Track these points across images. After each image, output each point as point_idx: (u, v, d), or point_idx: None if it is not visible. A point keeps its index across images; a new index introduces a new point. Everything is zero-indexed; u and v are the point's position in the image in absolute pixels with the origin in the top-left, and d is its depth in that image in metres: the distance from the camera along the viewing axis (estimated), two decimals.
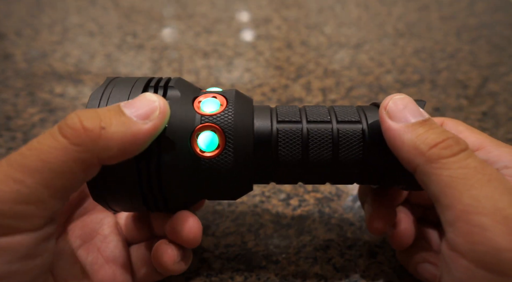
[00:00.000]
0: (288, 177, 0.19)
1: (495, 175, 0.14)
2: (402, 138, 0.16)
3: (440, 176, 0.14)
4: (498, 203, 0.13)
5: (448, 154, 0.14)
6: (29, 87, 0.38)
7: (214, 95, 0.19)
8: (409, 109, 0.16)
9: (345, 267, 0.23)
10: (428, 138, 0.15)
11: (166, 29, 0.49)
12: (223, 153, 0.17)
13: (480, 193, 0.13)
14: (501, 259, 0.13)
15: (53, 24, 0.49)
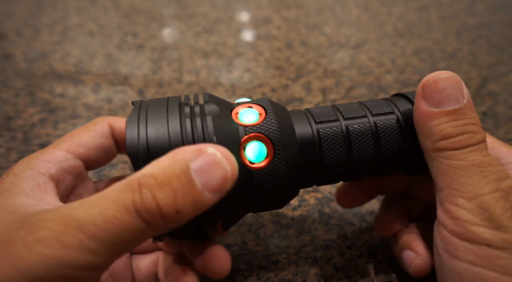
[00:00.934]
0: (331, 177, 0.19)
1: (491, 169, 0.16)
2: (425, 122, 0.17)
3: (440, 163, 0.16)
4: (479, 190, 0.15)
5: (452, 147, 0.16)
6: (29, 87, 0.38)
7: (249, 105, 0.18)
8: (447, 92, 0.16)
9: (345, 267, 0.23)
10: (445, 130, 0.16)
11: (166, 29, 0.49)
12: (273, 162, 0.17)
13: (467, 181, 0.16)
14: (470, 231, 0.15)
15: (53, 24, 0.49)
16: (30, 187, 0.16)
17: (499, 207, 0.15)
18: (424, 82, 0.17)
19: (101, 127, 0.19)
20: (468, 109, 0.16)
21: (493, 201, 0.15)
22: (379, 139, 0.18)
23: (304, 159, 0.18)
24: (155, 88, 0.39)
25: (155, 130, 0.16)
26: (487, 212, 0.15)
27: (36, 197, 0.15)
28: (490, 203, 0.15)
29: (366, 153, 0.18)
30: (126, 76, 0.40)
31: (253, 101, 0.19)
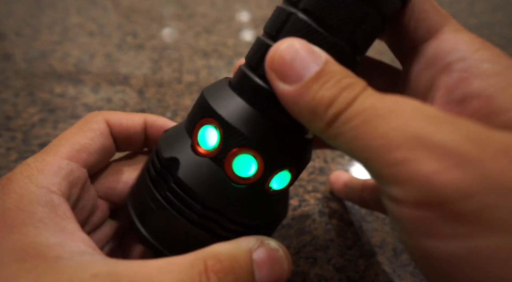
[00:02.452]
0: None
1: (400, 102, 0.12)
2: (298, 104, 0.13)
3: (344, 134, 0.12)
4: (414, 129, 0.11)
5: (342, 110, 0.12)
6: (29, 87, 0.38)
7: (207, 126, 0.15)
8: (299, 60, 0.13)
9: (345, 267, 0.23)
10: (324, 97, 0.12)
11: (166, 29, 0.49)
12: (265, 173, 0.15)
13: (387, 128, 0.11)
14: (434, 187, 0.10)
15: (53, 24, 0.49)
16: (46, 214, 0.13)
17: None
18: (268, 62, 0.13)
19: (99, 126, 0.18)
20: (331, 65, 0.13)
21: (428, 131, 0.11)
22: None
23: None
24: (155, 88, 0.39)
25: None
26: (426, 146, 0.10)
27: (57, 229, 0.13)
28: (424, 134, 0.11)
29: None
30: (126, 76, 0.40)
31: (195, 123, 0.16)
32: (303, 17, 0.14)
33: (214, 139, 0.15)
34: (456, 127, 0.11)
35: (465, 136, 0.10)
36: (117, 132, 0.19)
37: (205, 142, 0.15)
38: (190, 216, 0.15)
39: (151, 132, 0.20)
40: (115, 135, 0.19)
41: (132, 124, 0.19)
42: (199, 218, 0.15)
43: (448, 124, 0.11)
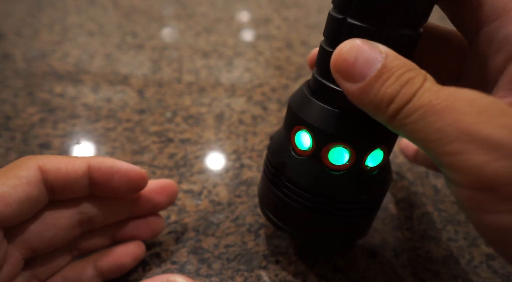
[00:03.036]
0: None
1: (455, 96, 0.13)
2: (363, 101, 0.14)
3: (406, 127, 0.13)
4: (466, 125, 0.12)
5: (403, 104, 0.13)
6: (29, 87, 0.38)
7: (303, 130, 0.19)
8: (361, 61, 0.14)
9: (345, 267, 0.23)
10: (386, 94, 0.13)
11: (166, 29, 0.49)
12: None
13: (443, 123, 0.12)
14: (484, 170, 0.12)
15: (52, 24, 0.49)
16: None
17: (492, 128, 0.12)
18: (333, 65, 0.15)
19: (28, 173, 0.16)
20: (391, 60, 0.14)
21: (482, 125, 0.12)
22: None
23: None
24: (155, 88, 0.38)
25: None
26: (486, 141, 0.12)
27: None
28: (481, 129, 0.12)
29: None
30: (125, 76, 0.40)
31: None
32: (353, 21, 0.15)
33: (308, 141, 0.19)
34: (505, 120, 0.12)
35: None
36: (54, 179, 0.17)
37: (302, 144, 0.19)
38: (305, 204, 0.19)
39: (98, 176, 0.18)
40: (50, 181, 0.17)
41: (73, 169, 0.17)
42: (312, 204, 0.19)
43: (498, 117, 0.12)
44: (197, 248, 0.24)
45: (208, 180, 0.29)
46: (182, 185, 0.28)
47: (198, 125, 0.34)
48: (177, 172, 0.29)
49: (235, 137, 0.33)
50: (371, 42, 0.14)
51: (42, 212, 0.18)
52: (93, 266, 0.20)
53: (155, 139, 0.32)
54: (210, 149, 0.32)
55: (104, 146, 0.31)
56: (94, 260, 0.20)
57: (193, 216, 0.26)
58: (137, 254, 0.21)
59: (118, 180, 0.19)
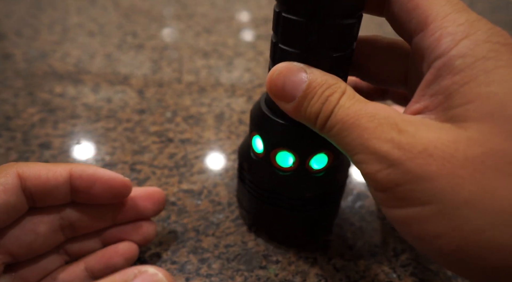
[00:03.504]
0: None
1: (360, 112, 0.15)
2: (299, 117, 0.17)
3: (331, 138, 0.16)
4: (364, 140, 0.14)
5: (324, 120, 0.16)
6: (29, 87, 0.38)
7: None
8: (288, 84, 0.16)
9: (345, 267, 0.23)
10: (311, 113, 0.16)
11: (166, 29, 0.49)
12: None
13: (351, 138, 0.15)
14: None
15: (53, 24, 0.49)
16: None
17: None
18: (268, 90, 0.17)
19: (6, 180, 0.16)
20: (315, 78, 0.16)
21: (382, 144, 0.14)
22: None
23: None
24: (155, 88, 0.39)
25: None
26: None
27: None
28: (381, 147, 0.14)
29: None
30: (126, 76, 0.40)
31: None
32: (282, 46, 0.18)
33: (261, 145, 0.21)
34: (392, 134, 0.14)
35: (395, 143, 0.14)
36: (33, 186, 0.17)
37: (257, 147, 0.22)
38: (263, 198, 0.22)
39: (79, 183, 0.18)
40: (29, 189, 0.17)
41: (53, 176, 0.18)
42: (268, 199, 0.22)
43: (388, 132, 0.14)
44: (197, 248, 0.24)
45: (208, 180, 0.29)
46: (182, 185, 0.28)
47: (198, 125, 0.34)
48: (177, 172, 0.29)
49: (235, 137, 0.33)
50: (297, 64, 0.17)
51: (22, 218, 0.18)
52: (84, 267, 0.20)
53: (155, 139, 0.32)
54: (210, 149, 0.32)
55: (104, 146, 0.31)
56: (85, 261, 0.20)
57: (193, 216, 0.26)
58: (128, 254, 0.21)
59: (99, 187, 0.19)
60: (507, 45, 0.13)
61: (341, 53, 0.17)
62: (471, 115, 0.13)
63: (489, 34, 0.14)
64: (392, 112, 0.15)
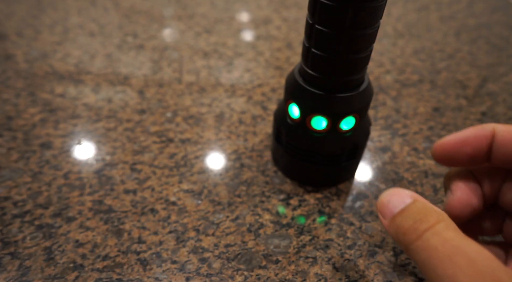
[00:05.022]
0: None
1: (459, 250, 0.14)
2: (390, 232, 0.17)
3: (416, 260, 0.15)
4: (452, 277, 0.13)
5: (413, 239, 0.15)
6: (30, 87, 0.38)
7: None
8: (392, 202, 0.18)
9: (345, 267, 0.23)
10: (402, 227, 0.16)
11: (167, 30, 0.50)
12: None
13: (443, 273, 0.14)
14: None
15: (54, 24, 0.49)
16: None
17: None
18: (377, 207, 0.18)
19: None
20: (416, 203, 0.17)
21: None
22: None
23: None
24: (155, 88, 0.39)
25: None
26: None
27: None
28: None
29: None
30: (126, 76, 0.40)
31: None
32: (318, 27, 0.22)
33: (297, 112, 0.25)
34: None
35: None
36: None
37: (293, 114, 0.26)
38: (299, 156, 0.27)
39: None
40: None
41: None
42: (303, 156, 0.26)
43: (485, 281, 0.13)
44: (197, 248, 0.24)
45: (208, 180, 0.29)
46: (182, 185, 0.28)
47: (198, 125, 0.34)
48: (178, 172, 0.29)
49: (235, 137, 0.33)
50: (406, 191, 0.18)
51: None
52: None
53: (156, 139, 0.32)
54: (210, 149, 0.32)
55: (104, 146, 0.31)
56: None
57: (193, 216, 0.26)
58: None
59: None
60: None
61: (368, 31, 0.21)
62: None
63: None
64: (495, 263, 0.13)
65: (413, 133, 0.34)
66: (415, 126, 0.35)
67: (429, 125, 0.35)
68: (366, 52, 0.23)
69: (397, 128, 0.35)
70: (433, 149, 0.19)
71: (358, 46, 0.22)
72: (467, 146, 0.18)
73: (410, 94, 0.39)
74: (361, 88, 0.25)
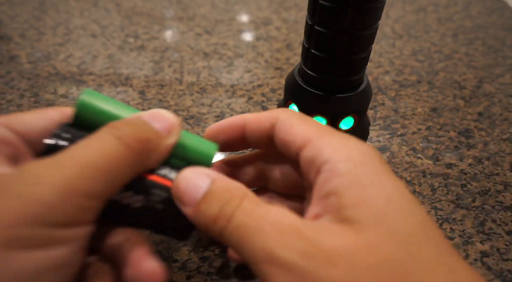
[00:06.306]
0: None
1: (263, 218, 0.14)
2: (198, 222, 0.16)
3: (232, 244, 0.15)
4: (268, 249, 0.14)
5: (225, 224, 0.15)
6: (33, 88, 0.38)
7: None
8: (190, 187, 0.16)
9: None
10: (210, 215, 0.15)
11: (167, 31, 0.50)
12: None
13: (254, 245, 0.14)
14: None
15: (56, 26, 0.50)
16: None
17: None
18: (172, 193, 0.17)
19: (52, 112, 0.18)
20: (216, 184, 0.16)
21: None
22: None
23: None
24: (156, 89, 0.39)
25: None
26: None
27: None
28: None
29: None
30: (127, 76, 0.41)
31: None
32: (317, 28, 0.23)
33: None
34: (297, 240, 0.14)
35: (302, 252, 0.13)
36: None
37: None
38: None
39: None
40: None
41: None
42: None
43: (294, 241, 0.14)
44: (198, 247, 0.24)
45: None
46: None
47: (199, 125, 0.35)
48: None
49: None
50: (202, 169, 0.16)
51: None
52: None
53: None
54: None
55: None
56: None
57: None
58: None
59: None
60: (374, 155, 0.16)
61: (367, 32, 0.22)
62: (361, 218, 0.14)
63: (358, 146, 0.16)
64: (295, 219, 0.14)
65: (411, 133, 0.35)
66: (413, 126, 0.36)
67: (427, 125, 0.36)
68: (365, 53, 0.23)
69: (396, 128, 0.35)
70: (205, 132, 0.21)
71: (357, 47, 0.22)
72: (222, 134, 0.20)
73: (408, 94, 0.40)
74: (360, 89, 0.25)
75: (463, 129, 0.35)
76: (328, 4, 0.21)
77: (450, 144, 0.34)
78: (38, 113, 0.18)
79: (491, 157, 0.32)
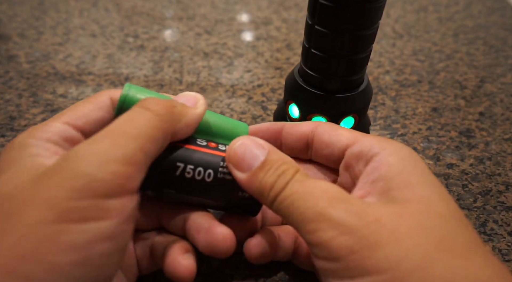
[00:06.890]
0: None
1: (314, 186, 0.16)
2: (251, 187, 0.17)
3: (281, 210, 0.17)
4: (319, 209, 0.15)
5: (279, 192, 0.17)
6: (32, 87, 0.38)
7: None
8: (248, 154, 0.18)
9: None
10: (266, 184, 0.17)
11: (167, 30, 0.50)
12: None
13: (305, 207, 0.16)
14: (332, 248, 0.15)
15: (55, 25, 0.50)
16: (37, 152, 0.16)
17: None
18: (227, 157, 0.18)
19: (101, 99, 0.19)
20: (272, 155, 0.18)
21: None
22: None
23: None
24: (156, 89, 0.39)
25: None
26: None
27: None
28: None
29: None
30: (127, 76, 0.41)
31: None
32: (318, 28, 0.23)
33: (297, 112, 0.26)
34: (346, 205, 0.15)
35: (350, 211, 0.15)
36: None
37: (293, 113, 0.27)
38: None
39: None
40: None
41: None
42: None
43: (342, 203, 0.15)
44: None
45: None
46: None
47: None
48: None
49: None
50: (257, 139, 0.18)
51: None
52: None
53: None
54: None
55: None
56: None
57: None
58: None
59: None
60: (414, 153, 0.18)
61: (367, 32, 0.22)
62: (406, 198, 0.16)
63: (401, 145, 0.18)
64: (342, 191, 0.16)
65: (412, 133, 0.35)
66: (414, 126, 0.35)
67: (428, 125, 0.36)
68: (365, 53, 0.23)
69: (396, 128, 0.35)
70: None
71: (357, 47, 0.22)
72: (260, 134, 0.22)
73: (409, 94, 0.40)
74: (361, 89, 0.25)
75: (464, 129, 0.35)
76: (328, 4, 0.21)
77: (451, 144, 0.33)
78: (91, 103, 0.19)
79: (492, 157, 0.32)
